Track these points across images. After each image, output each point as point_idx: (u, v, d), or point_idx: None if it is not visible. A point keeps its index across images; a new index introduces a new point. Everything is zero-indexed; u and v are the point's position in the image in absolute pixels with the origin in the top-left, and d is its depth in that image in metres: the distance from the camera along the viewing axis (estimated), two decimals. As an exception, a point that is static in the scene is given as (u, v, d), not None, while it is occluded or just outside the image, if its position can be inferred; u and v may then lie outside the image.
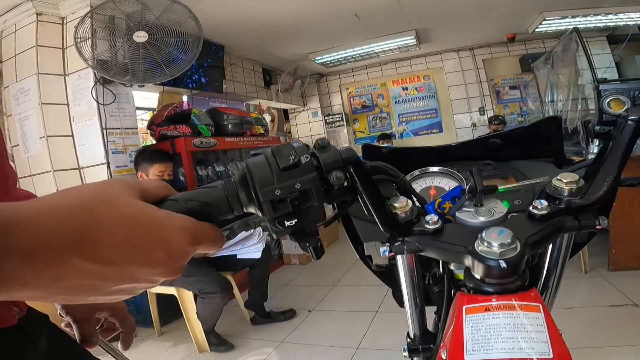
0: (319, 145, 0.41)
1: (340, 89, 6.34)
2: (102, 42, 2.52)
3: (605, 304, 2.26)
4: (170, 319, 2.77)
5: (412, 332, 0.67)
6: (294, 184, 0.37)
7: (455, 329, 0.39)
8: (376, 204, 0.43)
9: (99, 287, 0.30)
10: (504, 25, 4.78)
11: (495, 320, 0.37)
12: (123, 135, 2.80)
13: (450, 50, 5.71)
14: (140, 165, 2.46)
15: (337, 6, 3.63)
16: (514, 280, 0.40)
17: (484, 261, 0.39)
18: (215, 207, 0.38)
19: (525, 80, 5.51)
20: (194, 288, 2.26)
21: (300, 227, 0.40)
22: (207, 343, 2.32)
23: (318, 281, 3.43)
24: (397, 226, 0.45)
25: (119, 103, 2.80)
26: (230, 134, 3.40)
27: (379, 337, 2.26)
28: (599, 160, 0.46)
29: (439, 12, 4.11)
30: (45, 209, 0.28)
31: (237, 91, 4.59)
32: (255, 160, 0.39)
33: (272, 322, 2.63)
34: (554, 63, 4.02)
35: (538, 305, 0.38)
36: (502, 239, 0.38)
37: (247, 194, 0.38)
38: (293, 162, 0.38)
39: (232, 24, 3.67)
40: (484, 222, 0.45)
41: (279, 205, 0.37)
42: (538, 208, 0.43)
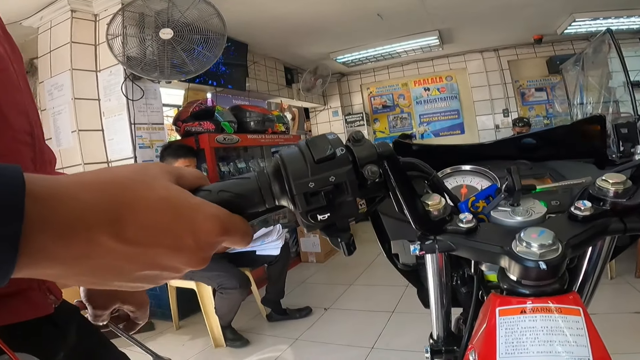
0: (353, 139, 0.40)
1: (361, 89, 6.32)
2: (131, 38, 2.59)
3: (631, 311, 2.21)
4: (189, 313, 2.82)
5: (435, 333, 0.66)
6: (329, 177, 0.36)
7: (487, 331, 0.37)
8: (409, 200, 0.42)
9: (125, 271, 0.30)
10: (531, 26, 4.67)
11: (531, 322, 0.36)
12: (150, 131, 2.88)
13: (474, 51, 5.62)
14: (165, 160, 2.53)
15: (360, 6, 3.63)
16: (552, 283, 0.39)
17: (522, 262, 0.37)
18: (247, 198, 0.37)
19: (552, 82, 5.38)
20: (214, 283, 2.30)
21: (332, 221, 0.39)
22: (223, 338, 2.36)
23: (334, 280, 3.44)
24: (429, 224, 0.43)
25: (147, 99, 2.88)
26: (252, 131, 3.45)
27: (394, 337, 2.26)
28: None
29: (463, 13, 4.05)
30: (83, 183, 0.28)
31: (259, 89, 4.65)
32: (289, 152, 0.39)
33: (288, 319, 2.65)
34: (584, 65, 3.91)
35: (578, 309, 0.36)
36: (543, 240, 0.37)
37: (281, 186, 0.37)
38: (328, 155, 0.37)
39: (256, 22, 3.72)
40: (521, 222, 0.43)
41: (312, 198, 0.37)
42: (581, 209, 0.41)
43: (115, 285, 0.31)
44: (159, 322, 2.83)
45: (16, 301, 0.44)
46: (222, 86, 3.97)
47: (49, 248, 0.25)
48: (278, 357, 2.22)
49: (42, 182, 0.26)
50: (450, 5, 3.82)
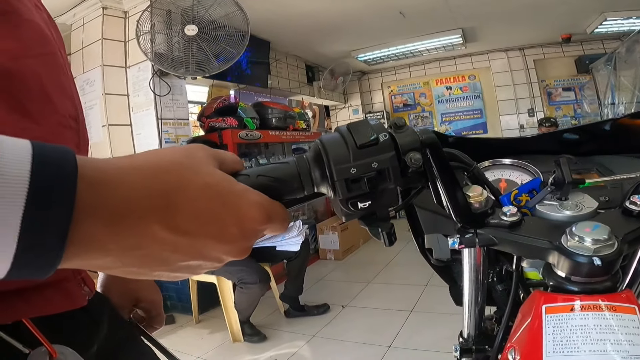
0: (395, 125, 0.38)
1: (381, 87, 6.28)
2: (159, 35, 2.64)
3: None
4: (208, 307, 2.87)
5: (466, 331, 0.64)
6: (371, 163, 0.35)
7: (531, 329, 0.36)
8: (451, 191, 0.40)
9: (170, 261, 0.28)
10: (560, 25, 4.55)
11: (583, 320, 0.34)
12: (176, 126, 2.94)
13: (498, 50, 5.50)
14: (190, 155, 2.59)
15: (383, 4, 3.61)
16: (604, 281, 0.37)
17: (574, 257, 0.35)
18: (287, 184, 0.36)
19: (581, 81, 5.22)
20: (234, 277, 2.33)
21: (373, 210, 0.38)
22: (241, 333, 2.39)
23: (352, 277, 3.44)
24: (470, 216, 0.42)
25: (173, 95, 2.94)
26: (274, 128, 3.49)
27: (412, 336, 2.24)
28: None
29: (488, 11, 3.97)
30: (134, 167, 0.26)
31: (281, 86, 4.68)
32: (330, 137, 0.37)
33: (306, 315, 2.67)
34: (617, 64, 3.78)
35: (634, 307, 0.34)
36: (597, 235, 0.35)
37: (321, 172, 0.36)
38: (371, 140, 0.36)
39: (278, 20, 3.74)
40: (571, 216, 0.41)
41: (353, 185, 0.36)
42: (637, 203, 0.40)
43: (155, 275, 0.30)
44: (179, 316, 2.89)
45: (51, 292, 0.42)
46: (245, 83, 4.02)
47: (99, 238, 0.24)
48: (295, 353, 2.24)
49: (94, 164, 0.25)
50: (474, 4, 3.75)
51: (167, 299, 2.97)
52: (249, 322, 2.43)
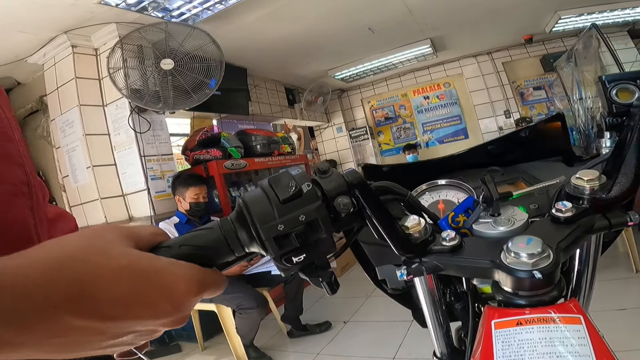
0: (319, 171, 0.38)
1: (362, 103, 6.40)
2: (133, 71, 2.64)
3: None
4: (213, 333, 2.86)
5: (438, 351, 0.64)
6: (298, 216, 0.34)
7: (485, 345, 0.36)
8: (387, 227, 0.40)
9: (99, 343, 0.28)
10: (520, 27, 4.75)
11: (529, 334, 0.34)
12: (160, 162, 2.95)
13: (468, 56, 5.69)
14: (177, 190, 2.61)
15: (351, 21, 3.73)
16: (550, 291, 0.37)
17: (515, 273, 0.36)
18: (214, 250, 0.35)
19: (549, 80, 5.40)
20: (232, 304, 2.34)
21: (310, 261, 0.37)
22: (247, 356, 2.38)
23: (352, 293, 3.43)
24: (412, 247, 0.41)
25: (154, 130, 2.95)
26: (259, 155, 3.53)
27: (415, 347, 2.24)
28: (619, 153, 0.43)
29: (451, 20, 4.14)
30: (32, 262, 0.26)
31: (262, 112, 4.75)
32: (252, 194, 0.36)
33: (309, 334, 2.67)
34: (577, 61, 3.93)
35: (579, 317, 0.34)
36: (532, 248, 0.36)
37: (248, 233, 0.35)
38: (294, 192, 0.35)
39: (253, 46, 3.83)
40: (505, 232, 0.42)
41: (283, 241, 0.34)
42: (562, 210, 0.40)
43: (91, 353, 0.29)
44: (185, 344, 2.88)
45: None
46: (225, 112, 4.08)
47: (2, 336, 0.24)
48: (301, 372, 2.24)
49: None
50: (437, 14, 3.90)
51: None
52: (253, 346, 2.43)
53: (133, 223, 2.84)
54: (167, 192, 2.91)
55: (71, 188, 2.92)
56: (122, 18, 2.75)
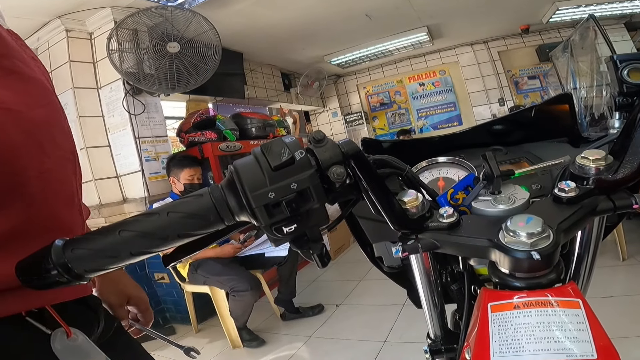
0: (314, 139, 0.37)
1: (357, 88, 6.39)
2: (130, 54, 2.64)
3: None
4: (206, 316, 2.89)
5: (432, 332, 0.63)
6: (290, 184, 0.33)
7: (480, 329, 0.35)
8: (384, 200, 0.38)
9: None
10: (517, 17, 4.74)
11: (526, 318, 0.33)
12: (155, 144, 2.94)
13: (464, 45, 5.68)
14: (171, 171, 2.60)
15: (348, 8, 3.70)
16: (548, 273, 0.36)
17: (512, 254, 0.34)
18: (202, 218, 0.34)
19: (544, 69, 5.42)
20: (226, 287, 2.35)
21: (301, 232, 0.36)
22: (240, 339, 2.42)
23: (345, 276, 3.48)
24: (408, 223, 0.40)
25: (149, 113, 2.95)
26: (254, 137, 3.52)
27: (406, 330, 2.28)
28: (628, 133, 0.41)
29: (448, 7, 4.11)
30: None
31: (258, 96, 4.72)
32: (243, 161, 0.35)
33: (301, 317, 2.70)
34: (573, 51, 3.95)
35: (577, 301, 0.33)
36: (531, 228, 0.34)
37: (237, 200, 0.34)
38: (286, 160, 0.34)
39: (249, 31, 3.80)
40: (505, 210, 0.40)
41: (274, 210, 0.34)
42: (565, 190, 0.38)
43: None
44: (179, 326, 2.92)
45: None
46: (221, 95, 4.05)
47: None
48: (294, 354, 2.26)
49: None
50: (435, 1, 3.88)
51: (165, 311, 2.99)
52: (246, 328, 2.45)
53: (127, 204, 2.84)
54: (162, 173, 2.90)
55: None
56: (116, 2, 2.74)
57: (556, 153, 0.49)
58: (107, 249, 0.35)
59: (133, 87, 2.80)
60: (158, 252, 0.36)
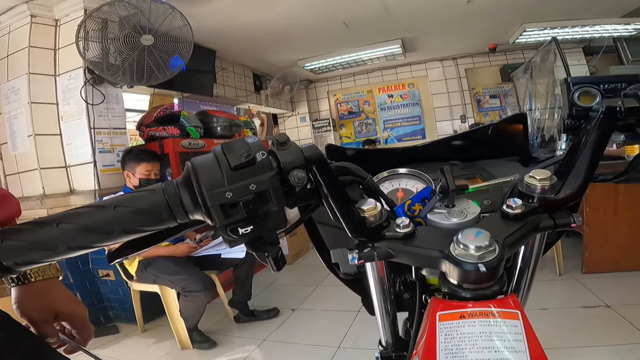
0: (277, 142, 0.36)
1: (328, 95, 6.44)
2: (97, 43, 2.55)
3: (579, 306, 2.33)
4: (154, 316, 2.79)
5: (384, 339, 0.64)
6: (249, 185, 0.33)
7: (428, 337, 0.36)
8: (343, 208, 0.39)
9: None
10: (487, 36, 4.93)
11: (470, 328, 0.35)
12: (111, 135, 2.84)
13: (435, 60, 5.85)
14: (127, 165, 2.49)
15: (327, 15, 3.74)
16: (492, 285, 0.37)
17: (462, 265, 0.36)
18: (153, 214, 0.33)
19: (505, 89, 5.66)
20: (177, 286, 2.28)
21: (258, 235, 0.35)
22: (189, 340, 2.35)
23: (302, 281, 3.47)
24: (366, 231, 0.41)
25: (108, 103, 2.85)
26: (219, 137, 3.46)
27: (360, 336, 2.29)
28: (572, 155, 0.43)
29: (424, 22, 4.23)
30: None
31: (227, 95, 4.66)
32: (202, 159, 0.35)
33: (256, 320, 2.66)
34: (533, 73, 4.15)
35: (517, 312, 0.35)
36: (480, 241, 0.36)
37: (192, 198, 0.33)
38: (247, 160, 0.33)
39: (225, 30, 3.76)
40: (457, 223, 0.42)
41: (231, 210, 0.33)
42: (512, 207, 0.41)
43: None
44: (123, 326, 2.79)
45: None
46: (189, 91, 3.97)
47: None
48: (246, 357, 2.22)
49: None
50: (412, 15, 3.98)
51: (109, 309, 2.87)
52: (197, 329, 2.39)
53: (74, 196, 2.72)
54: (116, 166, 2.80)
55: (9, 156, 2.77)
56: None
57: (508, 171, 0.52)
58: (42, 241, 0.33)
59: (95, 77, 2.70)
60: (101, 247, 0.35)
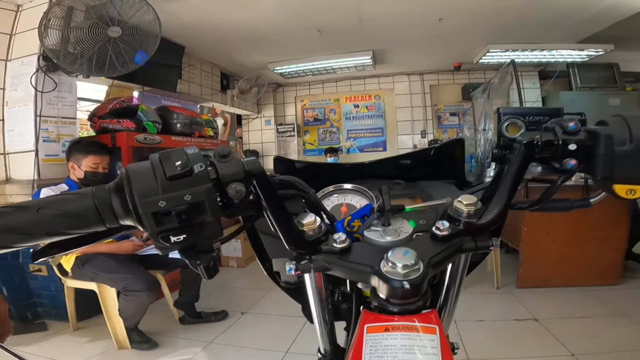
0: (218, 154, 0.37)
1: (295, 100, 6.43)
2: (58, 31, 2.46)
3: (511, 318, 2.47)
4: (90, 314, 2.66)
5: (322, 347, 0.66)
6: (183, 195, 0.33)
7: (356, 347, 0.38)
8: (281, 220, 0.41)
9: None
10: (453, 54, 5.08)
11: (393, 340, 0.37)
12: (58, 124, 2.72)
13: (402, 74, 5.99)
14: (72, 156, 2.38)
15: (303, 20, 3.75)
16: (416, 301, 0.40)
17: (389, 282, 0.38)
18: (80, 218, 0.33)
19: (464, 108, 5.84)
20: (118, 285, 2.20)
21: (191, 243, 0.36)
22: (128, 340, 2.26)
23: (254, 284, 3.44)
24: (304, 244, 0.43)
25: (60, 92, 2.74)
26: (177, 133, 3.38)
27: (308, 342, 2.29)
28: (496, 183, 0.46)
29: (396, 36, 4.32)
30: None
31: (192, 92, 4.58)
32: (137, 166, 0.35)
33: (203, 322, 2.62)
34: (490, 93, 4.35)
35: (435, 327, 0.38)
36: (406, 260, 0.38)
37: (123, 204, 0.33)
38: (184, 171, 0.34)
39: (198, 26, 3.70)
40: (390, 242, 0.44)
41: (163, 218, 0.33)
42: (440, 229, 0.44)
43: None
44: (53, 323, 2.65)
45: None
46: (150, 85, 3.86)
47: None
48: (190, 359, 2.18)
49: None
50: (385, 28, 4.06)
51: (37, 306, 2.72)
52: (137, 329, 2.30)
53: (10, 185, 2.58)
54: (60, 156, 2.67)
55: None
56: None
57: (445, 193, 0.55)
58: None
59: (49, 65, 2.59)
60: (22, 247, 0.34)
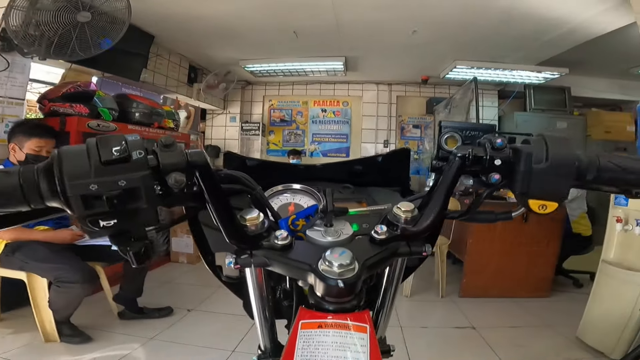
0: (161, 143, 0.37)
1: (263, 100, 6.40)
2: (22, 12, 2.38)
3: (452, 326, 2.59)
4: (15, 305, 2.52)
5: (262, 344, 0.67)
6: (118, 181, 0.33)
7: (290, 343, 0.39)
8: (223, 214, 0.41)
9: None
10: (422, 67, 5.18)
11: (325, 337, 0.38)
12: (4, 105, 2.59)
13: (372, 82, 6.07)
14: (15, 137, 2.26)
15: (279, 20, 3.73)
16: (350, 300, 0.42)
17: (325, 280, 0.39)
18: (2, 194, 0.33)
19: (427, 121, 5.99)
20: (50, 275, 2.10)
21: (123, 229, 0.36)
22: (57, 333, 2.17)
23: (203, 281, 3.38)
24: (245, 239, 0.44)
25: (11, 72, 2.62)
26: (135, 123, 3.30)
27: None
28: (431, 192, 0.49)
29: (370, 44, 4.37)
30: None
31: (156, 82, 4.46)
32: (71, 148, 0.34)
33: (145, 318, 2.54)
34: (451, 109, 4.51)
35: (366, 327, 0.39)
36: (342, 260, 0.40)
37: (50, 185, 0.33)
38: (120, 156, 0.34)
39: (172, 17, 3.61)
40: (330, 242, 0.46)
41: (94, 202, 0.33)
42: (378, 232, 0.45)
43: None
44: None
45: None
46: (112, 72, 3.73)
47: None
48: (126, 355, 2.11)
49: None
50: (361, 36, 4.09)
51: None
52: (68, 323, 2.21)
53: None
54: (2, 137, 2.53)
55: None
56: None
57: (389, 199, 0.58)
58: None
59: (4, 44, 2.49)
60: None
